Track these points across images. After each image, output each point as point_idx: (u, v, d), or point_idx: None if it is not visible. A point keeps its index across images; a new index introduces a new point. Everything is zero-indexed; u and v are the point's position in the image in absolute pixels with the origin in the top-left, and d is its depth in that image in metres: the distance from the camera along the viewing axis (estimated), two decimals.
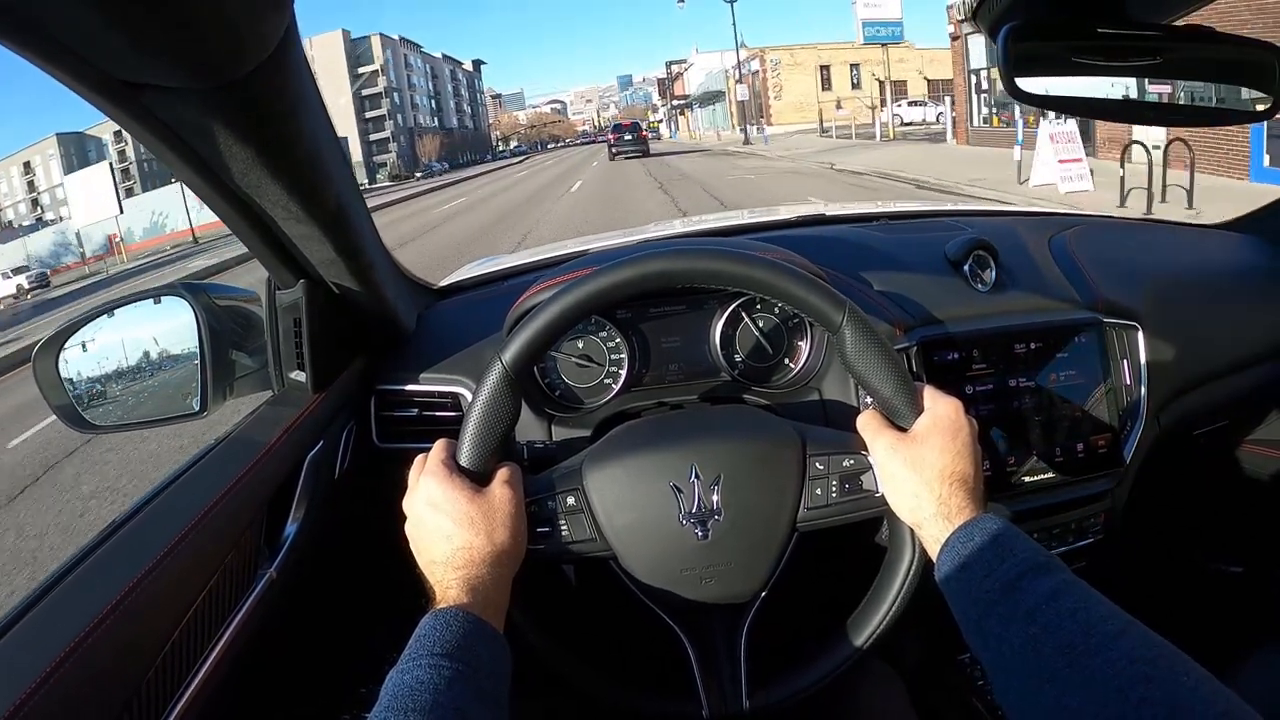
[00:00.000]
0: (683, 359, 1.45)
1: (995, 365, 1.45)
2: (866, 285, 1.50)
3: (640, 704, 1.11)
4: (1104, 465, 1.50)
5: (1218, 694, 0.70)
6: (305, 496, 1.24)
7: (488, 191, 36.84)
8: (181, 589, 0.95)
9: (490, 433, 1.01)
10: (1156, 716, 0.68)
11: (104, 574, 0.90)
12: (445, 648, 0.84)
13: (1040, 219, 1.96)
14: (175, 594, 0.93)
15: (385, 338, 1.49)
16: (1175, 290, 1.69)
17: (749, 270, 1.05)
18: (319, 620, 1.44)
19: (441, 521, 0.97)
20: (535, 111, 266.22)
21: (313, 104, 0.97)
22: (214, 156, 0.90)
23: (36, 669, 0.75)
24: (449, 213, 26.49)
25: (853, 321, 1.04)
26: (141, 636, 0.87)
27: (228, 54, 0.73)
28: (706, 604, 1.08)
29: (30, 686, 0.73)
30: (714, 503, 1.04)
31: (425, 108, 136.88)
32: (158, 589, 0.90)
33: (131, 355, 1.31)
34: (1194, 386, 1.66)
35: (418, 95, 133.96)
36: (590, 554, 1.06)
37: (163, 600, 0.91)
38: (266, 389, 1.37)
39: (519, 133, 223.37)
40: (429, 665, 0.81)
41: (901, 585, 1.09)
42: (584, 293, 1.02)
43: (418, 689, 0.79)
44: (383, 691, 0.80)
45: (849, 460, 1.07)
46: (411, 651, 0.84)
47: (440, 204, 32.68)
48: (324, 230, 1.13)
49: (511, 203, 27.24)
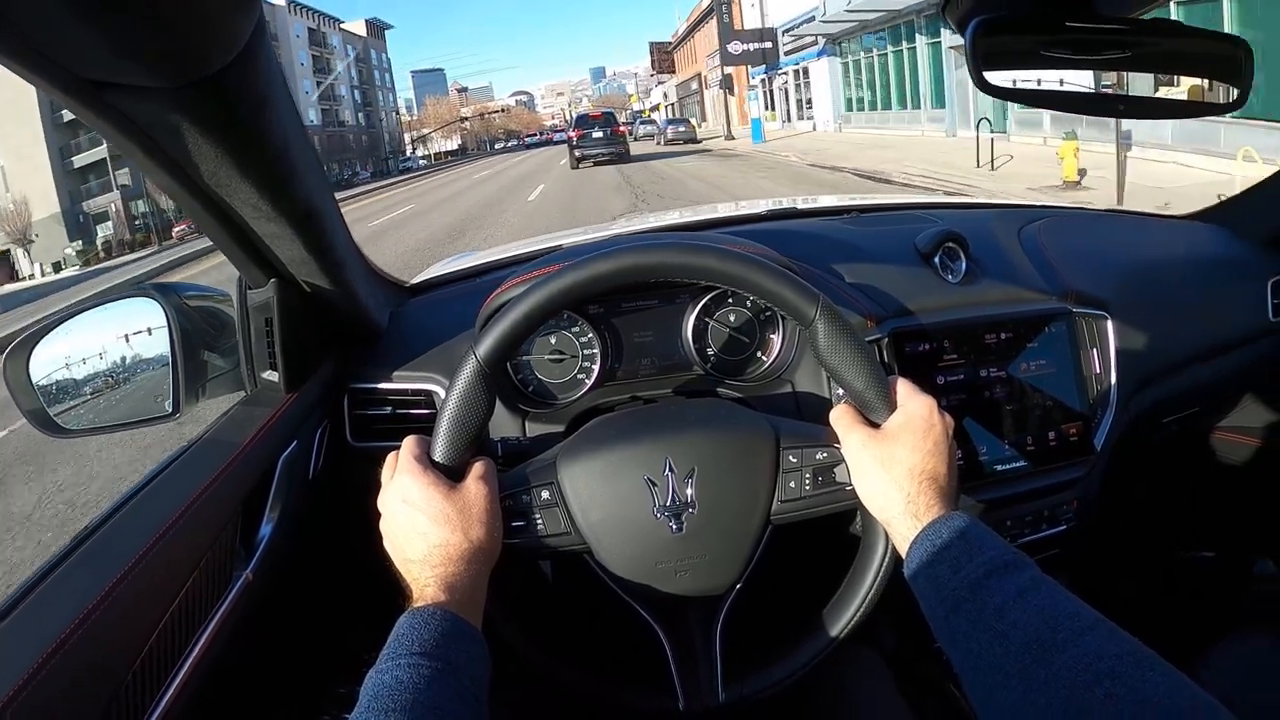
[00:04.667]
0: (655, 353, 1.45)
1: (966, 356, 1.46)
2: (838, 278, 1.51)
3: (616, 697, 1.12)
4: (1075, 453, 1.52)
5: (1184, 688, 0.71)
6: (280, 497, 1.24)
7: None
8: (158, 593, 0.94)
9: (464, 427, 1.01)
10: (1123, 712, 0.69)
11: (79, 580, 0.89)
12: (423, 646, 0.83)
13: (1010, 211, 1.98)
14: (151, 598, 0.93)
15: (357, 336, 1.48)
16: (1144, 280, 1.72)
17: (722, 264, 1.05)
18: (296, 621, 1.43)
19: (417, 519, 0.96)
20: (478, 103, 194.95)
21: (282, 100, 0.96)
22: (183, 155, 0.89)
23: (13, 677, 0.74)
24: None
25: (825, 315, 1.05)
26: (118, 642, 0.87)
27: (198, 52, 0.73)
28: (682, 597, 1.09)
29: (7, 695, 0.73)
30: (688, 496, 1.04)
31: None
32: (133, 594, 0.89)
33: (103, 357, 1.29)
34: (1163, 375, 1.69)
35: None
36: (565, 548, 1.06)
37: (139, 605, 0.91)
38: (239, 389, 1.36)
39: (463, 128, 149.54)
40: (408, 665, 0.81)
41: (875, 577, 1.10)
42: (557, 287, 1.02)
43: (397, 689, 0.79)
44: (362, 692, 0.80)
45: (822, 453, 1.07)
46: (390, 651, 0.84)
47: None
48: (294, 228, 1.12)
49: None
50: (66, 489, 5.93)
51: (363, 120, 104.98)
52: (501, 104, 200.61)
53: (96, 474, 6.13)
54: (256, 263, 1.21)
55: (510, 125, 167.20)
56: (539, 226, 16.39)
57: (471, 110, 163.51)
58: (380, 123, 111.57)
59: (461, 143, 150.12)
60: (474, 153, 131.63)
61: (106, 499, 3.10)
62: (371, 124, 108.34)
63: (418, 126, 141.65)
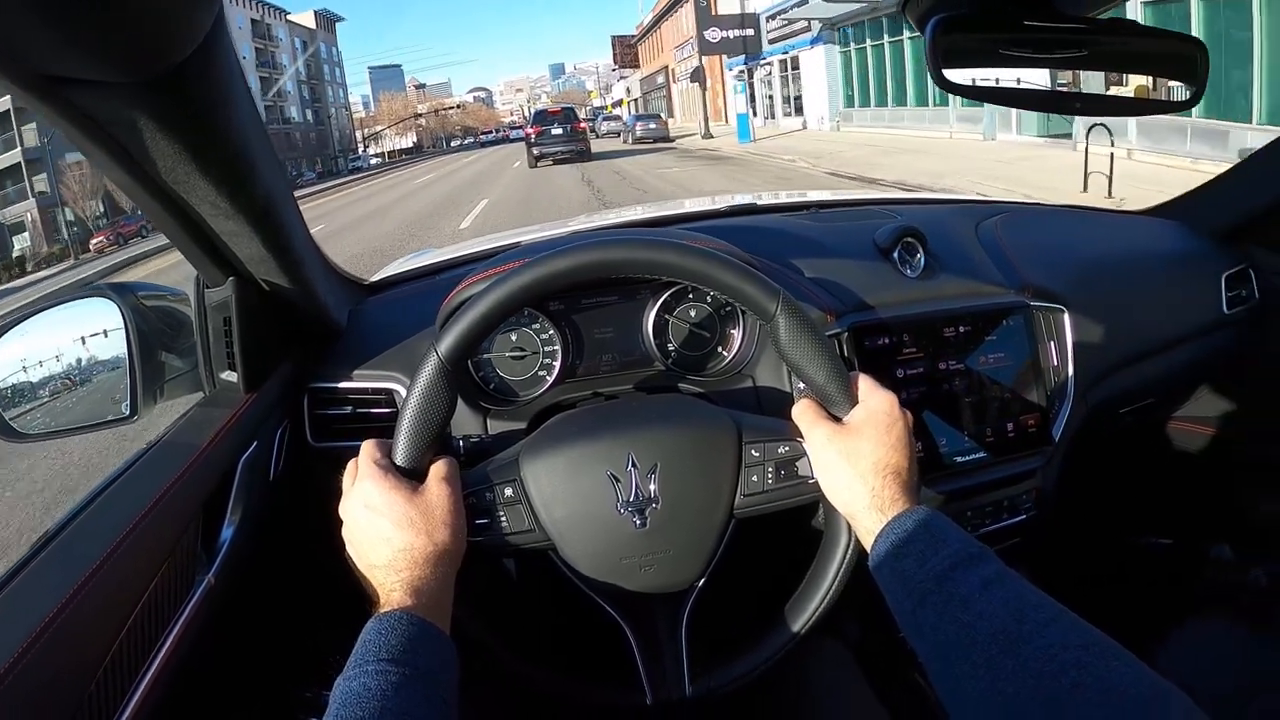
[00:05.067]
0: (616, 349, 1.46)
1: (925, 349, 1.48)
2: (798, 273, 1.53)
3: (584, 693, 1.12)
4: (1034, 444, 1.54)
5: (1146, 677, 0.73)
6: (241, 499, 1.22)
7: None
8: (120, 598, 0.93)
9: (426, 426, 1.01)
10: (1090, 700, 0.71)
11: (37, 590, 0.87)
12: (391, 652, 0.83)
13: (967, 206, 2.01)
14: (113, 606, 0.91)
15: (317, 335, 1.47)
16: (1100, 274, 1.75)
17: (682, 260, 1.06)
18: (262, 624, 1.42)
19: (380, 524, 0.96)
20: (436, 99, 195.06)
21: (241, 96, 0.94)
22: (141, 152, 0.88)
23: None
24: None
25: (786, 310, 1.06)
26: (80, 651, 0.85)
27: (156, 47, 0.72)
28: (646, 592, 1.09)
29: None
30: (651, 491, 1.05)
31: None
32: (94, 602, 0.88)
33: (59, 359, 1.27)
34: (1121, 366, 1.72)
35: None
36: (529, 545, 1.06)
37: (100, 613, 0.89)
38: (198, 390, 1.34)
39: (419, 125, 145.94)
40: (375, 671, 0.81)
41: (838, 569, 1.11)
42: (519, 283, 1.02)
43: (365, 695, 0.78)
44: (331, 699, 0.80)
45: (784, 447, 1.08)
46: (357, 657, 0.84)
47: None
48: (253, 226, 1.11)
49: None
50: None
51: (311, 117, 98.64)
52: (458, 100, 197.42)
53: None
54: (214, 261, 1.19)
55: (467, 122, 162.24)
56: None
57: (426, 107, 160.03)
58: (329, 120, 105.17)
59: (417, 140, 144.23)
60: (430, 150, 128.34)
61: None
62: (320, 121, 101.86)
63: (372, 124, 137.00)
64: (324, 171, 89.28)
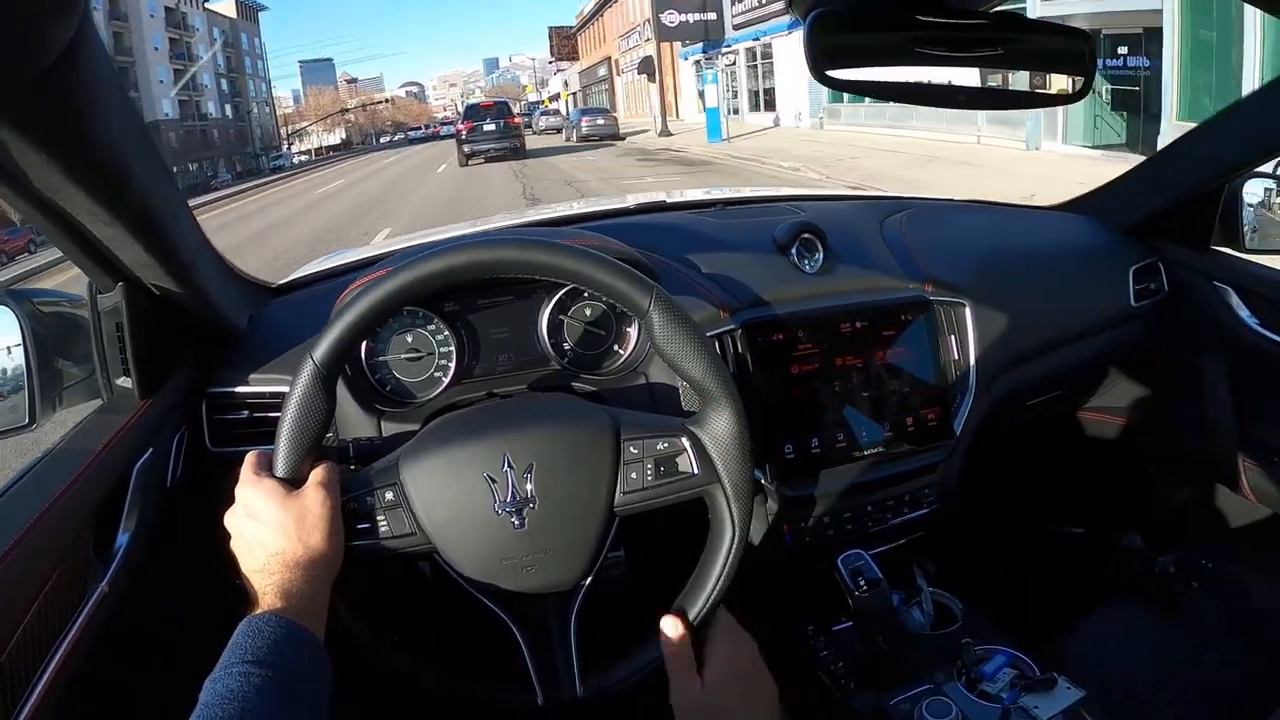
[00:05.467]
0: (512, 349, 1.46)
1: (821, 345, 1.50)
2: (693, 269, 1.54)
3: (474, 694, 1.13)
4: (935, 437, 1.58)
5: None
6: (135, 506, 1.21)
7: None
8: (6, 609, 0.91)
9: (304, 432, 1.02)
10: None
11: None
12: (256, 654, 0.84)
13: (874, 203, 2.04)
14: (0, 614, 0.90)
15: (214, 339, 1.46)
16: (1004, 267, 1.79)
17: (554, 259, 1.07)
18: (159, 632, 1.40)
19: (257, 530, 0.97)
20: (367, 94, 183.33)
21: (112, 101, 0.93)
22: (9, 162, 0.87)
23: None
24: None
25: (659, 305, 1.07)
26: None
27: (13, 60, 0.71)
28: (532, 593, 1.10)
29: None
30: (528, 491, 1.06)
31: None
32: None
33: None
34: (1025, 359, 1.75)
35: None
36: (411, 549, 1.07)
37: None
38: (96, 397, 1.33)
39: (347, 121, 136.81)
40: (239, 673, 0.82)
41: (724, 564, 1.13)
42: (391, 287, 1.03)
43: (228, 698, 0.79)
44: (199, 701, 0.80)
45: (663, 444, 1.10)
46: (225, 659, 0.85)
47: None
48: (132, 232, 1.10)
49: None
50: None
51: (230, 112, 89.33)
52: (387, 95, 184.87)
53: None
54: (102, 267, 1.18)
55: (399, 117, 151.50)
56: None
57: (355, 102, 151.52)
58: (250, 115, 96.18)
59: (346, 137, 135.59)
60: (359, 146, 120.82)
61: None
62: (240, 117, 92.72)
63: (299, 119, 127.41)
64: (243, 171, 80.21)
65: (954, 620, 1.57)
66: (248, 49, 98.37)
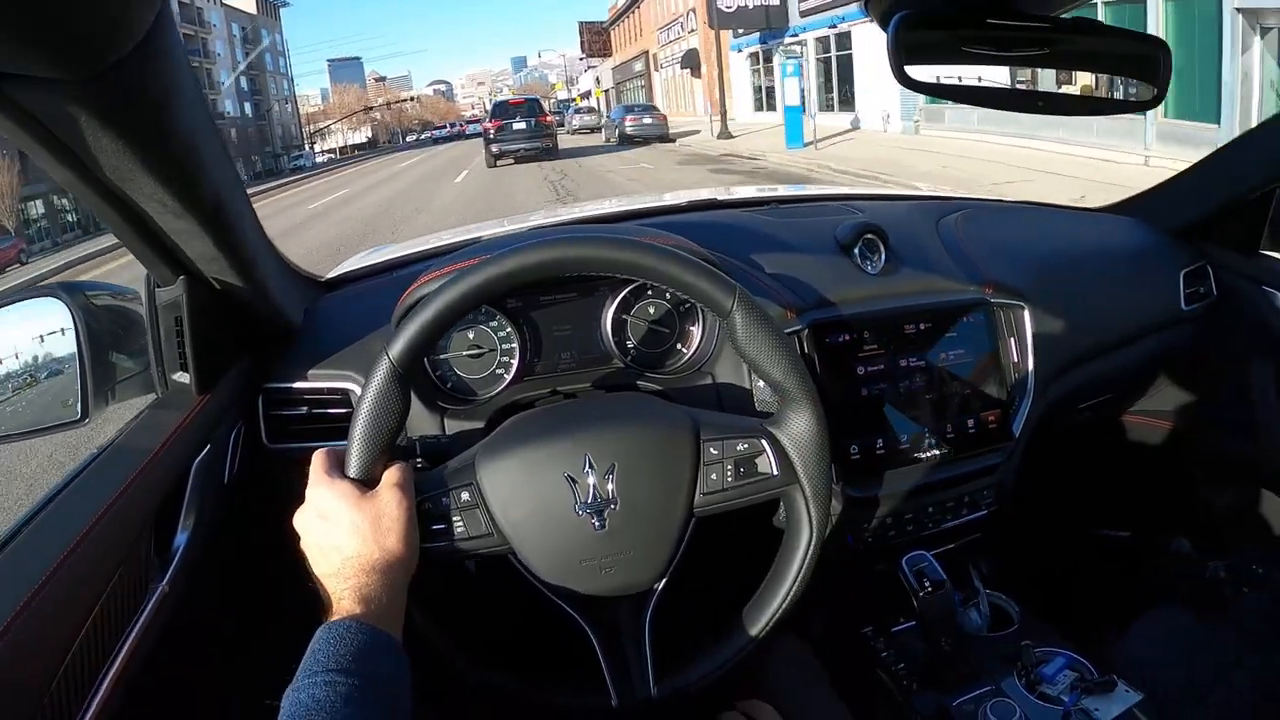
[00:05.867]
0: (575, 347, 1.45)
1: (886, 346, 1.48)
2: (757, 269, 1.52)
3: (549, 698, 1.12)
4: (994, 440, 1.55)
5: None
6: (194, 504, 1.20)
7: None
8: (70, 611, 0.90)
9: (379, 432, 1.00)
10: None
11: None
12: (340, 662, 0.82)
13: (928, 203, 2.01)
14: (65, 615, 0.89)
15: (271, 334, 1.44)
16: (1060, 269, 1.76)
17: (638, 257, 1.06)
18: (219, 632, 1.40)
19: (330, 532, 0.95)
20: (394, 92, 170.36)
21: (188, 93, 0.92)
22: (83, 149, 0.86)
23: None
24: None
25: (743, 306, 1.06)
26: (33, 663, 0.83)
27: (94, 43, 0.70)
28: (608, 594, 1.09)
29: None
30: (609, 492, 1.05)
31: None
32: (46, 612, 0.86)
33: (6, 361, 1.24)
34: (1080, 362, 1.73)
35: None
36: (487, 550, 1.05)
37: (53, 623, 0.87)
38: (150, 392, 1.31)
39: (373, 119, 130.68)
40: (324, 683, 0.80)
41: (800, 565, 1.12)
42: (472, 283, 1.01)
43: (315, 708, 0.77)
44: (280, 712, 0.78)
45: (743, 444, 1.09)
46: (306, 667, 0.83)
47: None
48: (202, 225, 1.09)
49: None
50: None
51: (250, 111, 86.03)
52: (413, 93, 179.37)
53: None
54: (164, 260, 1.17)
55: (425, 116, 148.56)
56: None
57: (381, 100, 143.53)
58: (270, 114, 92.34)
59: (372, 135, 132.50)
60: (384, 145, 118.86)
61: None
62: (260, 115, 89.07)
63: (322, 118, 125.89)
64: (262, 171, 79.29)
65: (1009, 622, 1.57)
66: (268, 45, 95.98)
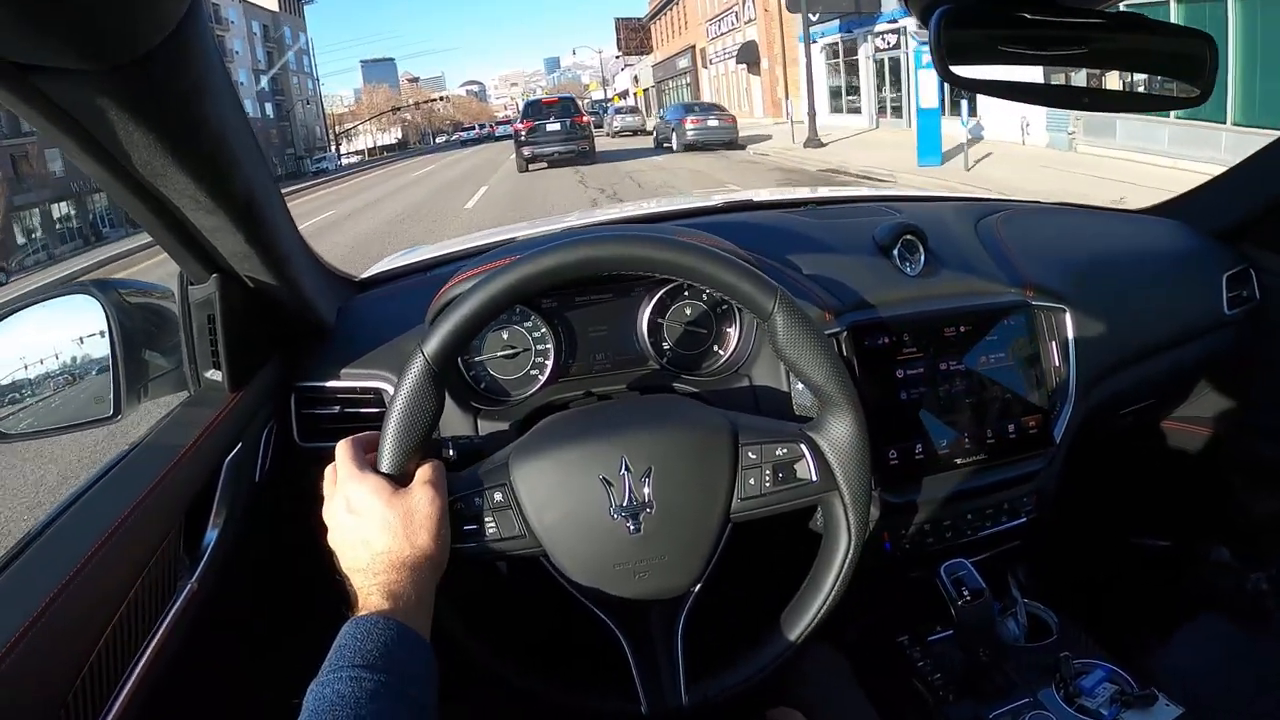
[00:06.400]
0: (610, 348, 1.44)
1: (926, 349, 1.46)
2: (795, 270, 1.51)
3: (577, 702, 1.10)
4: (1035, 445, 1.52)
5: None
6: (225, 501, 1.20)
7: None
8: (100, 604, 0.90)
9: (413, 429, 0.99)
10: None
11: (16, 593, 0.85)
12: (366, 658, 0.81)
13: (967, 204, 1.99)
14: (93, 610, 0.89)
15: (304, 332, 1.44)
16: (1101, 273, 1.73)
17: (677, 256, 1.04)
18: (246, 629, 1.40)
19: (360, 526, 0.95)
20: (426, 92, 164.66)
21: (219, 86, 0.92)
22: (113, 143, 0.85)
23: None
24: None
25: (784, 308, 1.04)
26: (61, 656, 0.83)
27: (124, 33, 0.69)
28: (641, 599, 1.07)
29: None
30: (645, 495, 1.03)
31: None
32: (75, 606, 0.86)
33: (40, 358, 1.25)
34: (1122, 366, 1.70)
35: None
36: (519, 551, 1.04)
37: (81, 617, 0.87)
38: (182, 389, 1.32)
39: (404, 120, 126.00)
40: (349, 677, 0.79)
41: (838, 573, 1.10)
42: (507, 281, 1.00)
43: (339, 703, 0.76)
44: (304, 706, 0.78)
45: (782, 449, 1.07)
46: (332, 662, 0.82)
47: None
48: (234, 221, 1.08)
49: None
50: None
51: (271, 112, 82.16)
52: (441, 94, 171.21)
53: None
54: (197, 257, 1.17)
55: (457, 116, 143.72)
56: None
57: (409, 100, 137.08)
58: (292, 114, 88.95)
59: (402, 136, 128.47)
60: (414, 147, 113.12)
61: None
62: (283, 116, 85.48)
63: (350, 119, 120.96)
64: (284, 174, 74.19)
65: (1048, 632, 1.54)
66: (291, 44, 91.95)
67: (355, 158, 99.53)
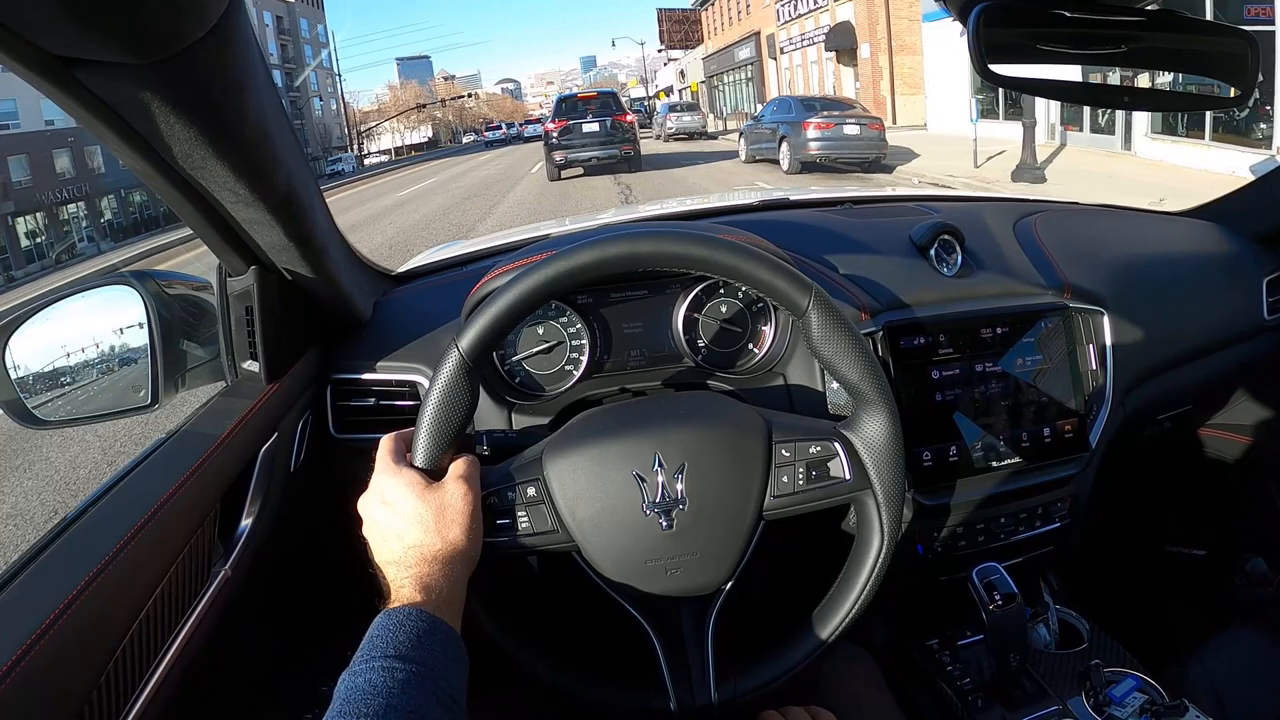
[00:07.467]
0: (645, 345, 1.44)
1: (962, 350, 1.45)
2: (831, 269, 1.50)
3: (606, 697, 1.10)
4: (1070, 450, 1.50)
5: None
6: (260, 491, 1.22)
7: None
8: (134, 588, 0.92)
9: (447, 424, 0.99)
10: None
11: (54, 575, 0.86)
12: (398, 649, 0.82)
13: (1005, 204, 1.97)
14: (128, 593, 0.91)
15: (340, 325, 1.46)
16: (1140, 276, 1.70)
17: (713, 253, 1.03)
18: (278, 617, 1.41)
19: (394, 520, 0.95)
20: (460, 88, 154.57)
21: (260, 80, 0.93)
22: (155, 136, 0.86)
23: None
24: None
25: (819, 306, 1.04)
26: (95, 638, 0.85)
27: (166, 26, 0.70)
28: (673, 595, 1.07)
29: None
30: (678, 492, 1.03)
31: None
32: (110, 588, 0.87)
33: (80, 347, 1.26)
34: (1160, 371, 1.68)
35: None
36: (552, 546, 1.04)
37: (116, 600, 0.88)
38: (219, 380, 1.34)
39: (433, 116, 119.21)
40: (382, 668, 0.80)
41: (870, 573, 1.09)
42: (543, 276, 1.00)
43: (370, 693, 0.77)
44: (335, 695, 0.78)
45: (815, 447, 1.06)
46: (364, 653, 0.83)
47: None
48: (274, 214, 1.09)
49: None
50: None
51: (286, 109, 73.18)
52: (470, 91, 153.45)
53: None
54: (236, 249, 1.18)
55: (489, 114, 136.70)
56: None
57: (439, 97, 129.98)
58: (308, 111, 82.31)
59: (433, 134, 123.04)
60: (446, 146, 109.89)
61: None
62: (300, 113, 77.45)
63: (376, 116, 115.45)
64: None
65: (1079, 639, 1.52)
66: (308, 37, 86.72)
67: (383, 157, 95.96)
